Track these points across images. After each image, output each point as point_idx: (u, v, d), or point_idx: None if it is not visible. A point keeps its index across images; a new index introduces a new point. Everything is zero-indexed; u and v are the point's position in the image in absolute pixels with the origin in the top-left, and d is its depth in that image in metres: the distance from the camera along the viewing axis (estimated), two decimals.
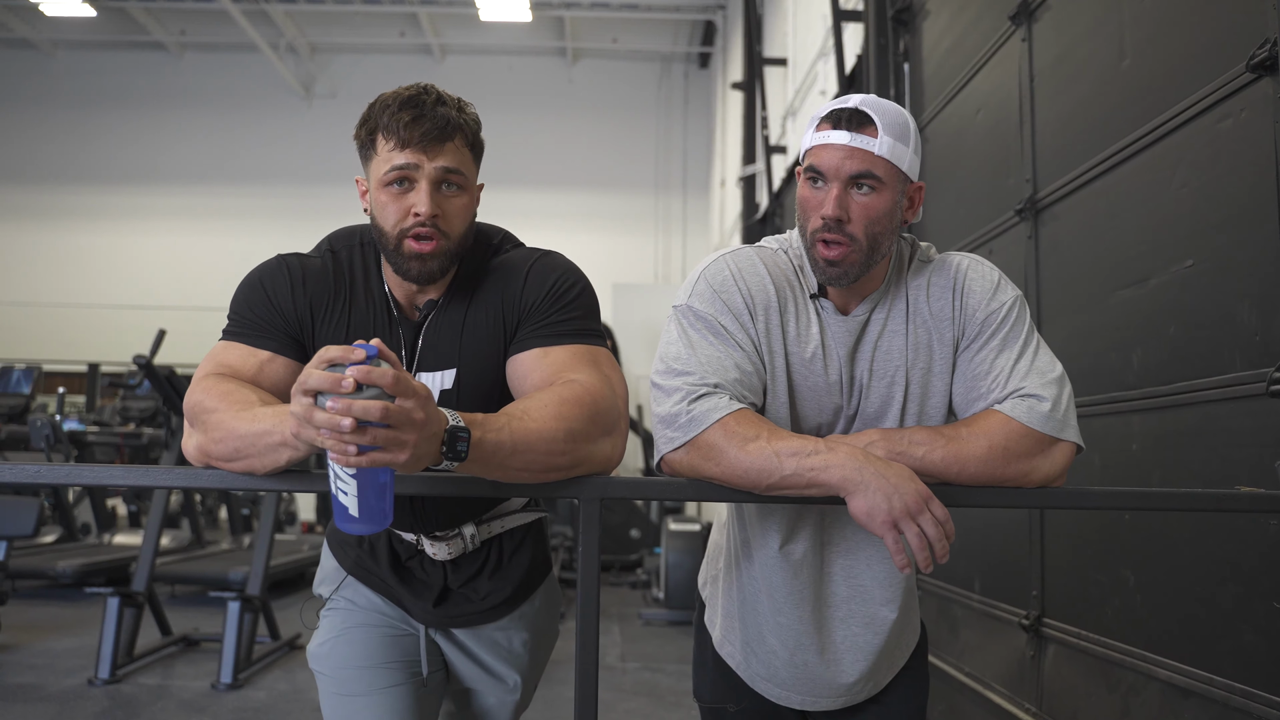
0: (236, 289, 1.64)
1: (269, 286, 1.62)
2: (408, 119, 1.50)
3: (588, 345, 1.58)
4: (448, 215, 1.54)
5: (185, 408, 1.51)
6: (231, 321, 1.62)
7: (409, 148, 1.50)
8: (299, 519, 11.58)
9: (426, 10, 13.42)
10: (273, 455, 1.36)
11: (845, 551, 1.69)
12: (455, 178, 1.54)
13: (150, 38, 14.36)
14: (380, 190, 1.54)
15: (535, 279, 1.62)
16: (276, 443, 1.34)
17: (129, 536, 8.15)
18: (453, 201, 1.55)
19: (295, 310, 1.62)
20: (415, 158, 1.50)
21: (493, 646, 1.83)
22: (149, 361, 5.57)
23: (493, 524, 1.78)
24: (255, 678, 4.99)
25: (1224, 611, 2.21)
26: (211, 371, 1.55)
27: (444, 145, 1.52)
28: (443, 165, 1.52)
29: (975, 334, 1.62)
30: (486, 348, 1.62)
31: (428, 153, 1.51)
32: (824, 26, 6.86)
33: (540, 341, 1.57)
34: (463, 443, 1.28)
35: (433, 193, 1.52)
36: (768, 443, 1.47)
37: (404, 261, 1.55)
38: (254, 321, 1.60)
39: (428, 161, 1.51)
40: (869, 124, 1.52)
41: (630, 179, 14.53)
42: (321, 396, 1.16)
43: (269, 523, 5.44)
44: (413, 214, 1.51)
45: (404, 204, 1.52)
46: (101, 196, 14.57)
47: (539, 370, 1.55)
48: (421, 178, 1.51)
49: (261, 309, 1.61)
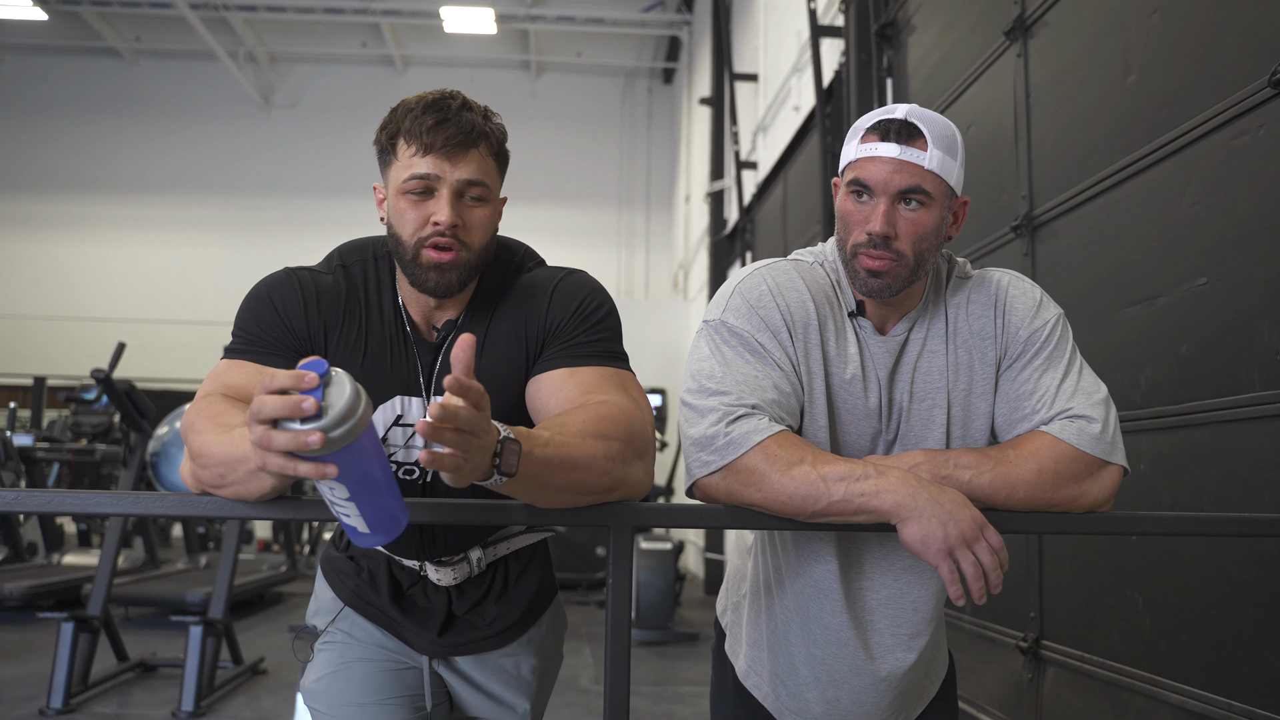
0: (242, 303, 1.54)
1: (278, 301, 1.52)
2: (431, 123, 1.42)
3: (614, 368, 1.50)
4: (469, 226, 1.47)
5: (182, 428, 1.41)
6: (236, 338, 1.52)
7: (431, 154, 1.43)
8: (255, 537, 11.31)
9: (389, 21, 13.28)
10: (255, 482, 1.24)
11: (883, 580, 1.62)
12: (477, 189, 1.46)
13: (104, 43, 14.06)
14: (399, 197, 1.46)
15: (561, 298, 1.54)
16: (253, 469, 1.20)
17: (79, 556, 7.88)
18: (474, 212, 1.47)
19: (308, 328, 1.52)
20: (437, 166, 1.43)
21: (500, 674, 1.74)
22: (108, 375, 5.37)
23: (499, 546, 1.69)
24: (218, 705, 4.80)
25: (1244, 635, 2.17)
26: (212, 391, 1.44)
27: (468, 153, 1.44)
28: (465, 176, 1.45)
29: (1018, 353, 1.56)
30: (507, 368, 1.54)
31: (451, 159, 1.43)
32: (797, 42, 6.86)
33: (566, 362, 1.50)
34: (514, 455, 1.18)
35: (454, 202, 1.44)
36: (813, 467, 1.39)
37: (421, 272, 1.46)
38: (261, 338, 1.50)
39: (450, 170, 1.43)
40: (918, 136, 1.46)
41: (593, 194, 14.48)
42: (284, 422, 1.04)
43: (232, 543, 5.26)
44: (432, 223, 1.44)
45: (423, 212, 1.44)
46: (50, 205, 14.21)
47: (565, 391, 1.47)
48: (443, 187, 1.44)
49: (270, 325, 1.51)
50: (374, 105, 14.26)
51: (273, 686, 5.25)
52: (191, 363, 12.64)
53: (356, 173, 14.11)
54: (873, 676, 1.63)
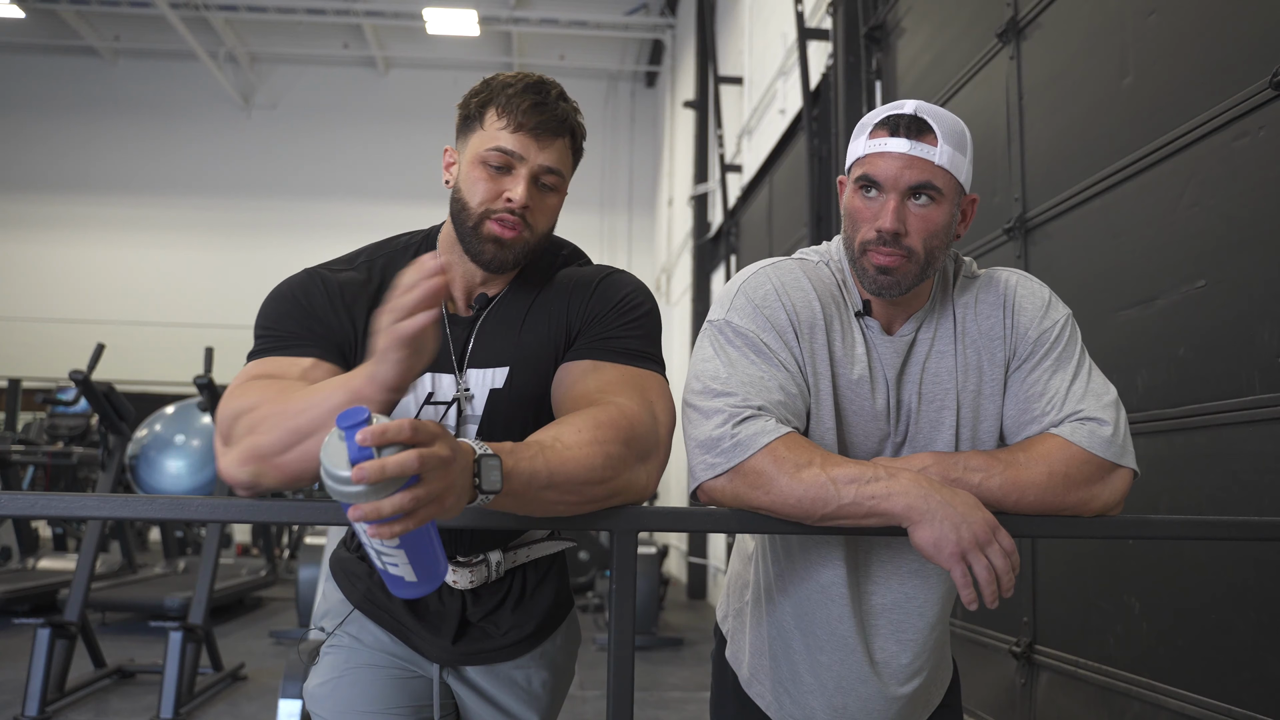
0: (265, 305, 1.51)
1: (303, 296, 1.50)
2: (528, 104, 1.45)
3: (640, 369, 1.48)
4: (537, 210, 1.49)
5: (219, 424, 1.37)
6: (261, 339, 1.48)
7: (521, 132, 1.45)
8: (234, 541, 11.19)
9: (371, 22, 13.20)
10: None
11: (889, 584, 1.59)
12: (554, 177, 1.50)
13: (82, 42, 13.91)
14: (476, 165, 1.47)
15: (605, 291, 1.55)
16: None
17: (55, 561, 7.76)
18: (545, 199, 1.51)
19: (336, 319, 1.50)
20: (523, 145, 1.46)
21: (510, 686, 1.69)
22: (86, 377, 5.30)
23: (519, 552, 1.65)
24: (198, 712, 4.73)
25: (1244, 640, 2.16)
26: (248, 381, 1.40)
27: (554, 141, 1.48)
28: (547, 163, 1.47)
29: (1028, 353, 1.54)
30: (542, 351, 1.54)
31: (538, 142, 1.46)
32: (783, 45, 6.85)
33: (594, 354, 1.50)
34: (495, 471, 1.15)
35: (530, 184, 1.47)
36: (822, 469, 1.36)
37: (480, 243, 1.47)
38: (289, 333, 1.47)
39: (535, 153, 1.46)
40: (928, 131, 1.43)
41: (576, 197, 13.97)
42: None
43: (213, 547, 5.18)
44: (505, 199, 1.46)
45: (497, 186, 1.46)
46: (26, 205, 14.03)
47: (583, 383, 1.46)
48: (523, 167, 1.46)
49: (297, 318, 1.48)
50: (355, 106, 14.32)
51: (253, 693, 5.17)
52: (171, 365, 12.50)
53: (337, 174, 14.03)
54: (879, 683, 1.60)
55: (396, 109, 14.23)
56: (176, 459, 6.54)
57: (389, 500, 1.00)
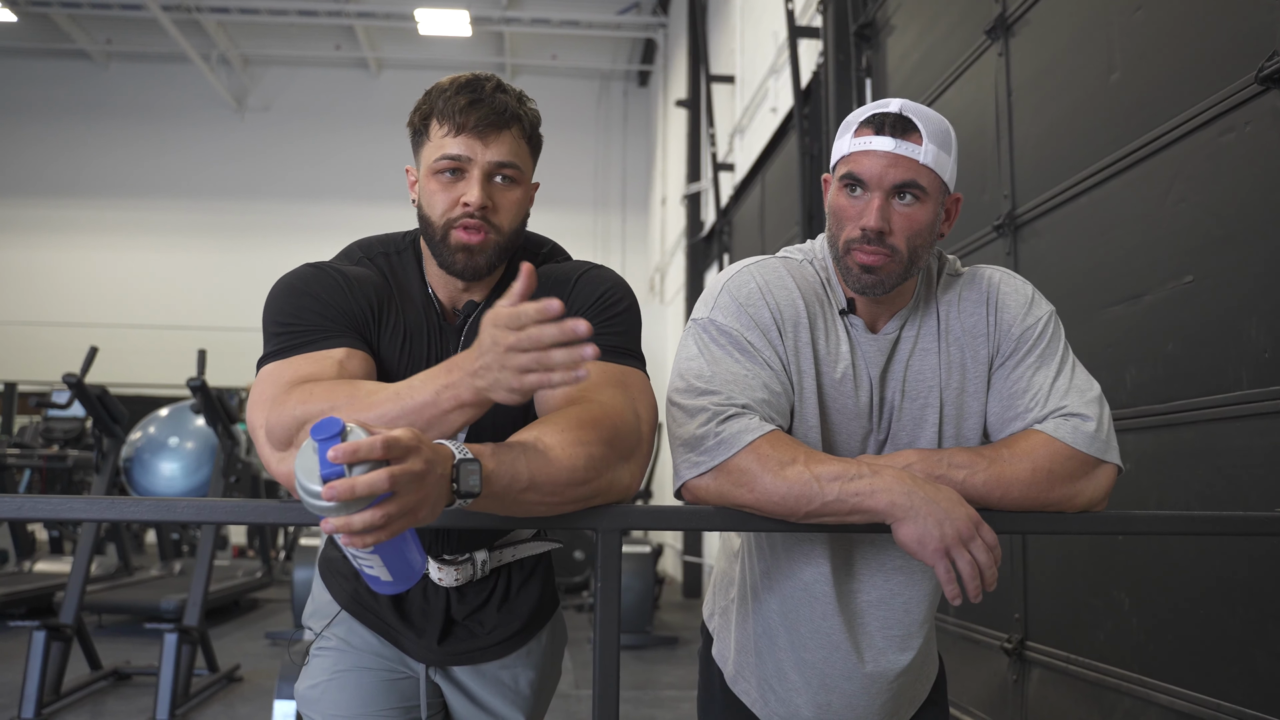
0: (272, 302, 1.45)
1: (315, 289, 1.45)
2: (463, 104, 1.42)
3: (620, 365, 1.46)
4: (499, 208, 1.46)
5: (272, 433, 1.29)
6: (280, 336, 1.41)
7: (463, 134, 1.42)
8: (230, 543, 11.18)
9: (363, 23, 13.18)
10: (448, 423, 1.21)
11: (874, 581, 1.59)
12: (509, 170, 1.46)
13: (74, 46, 13.87)
14: (430, 178, 1.45)
15: (584, 288, 1.53)
16: (447, 409, 1.20)
17: (51, 564, 7.76)
18: (505, 195, 1.47)
19: (355, 308, 1.46)
20: (468, 146, 1.43)
21: (496, 686, 1.70)
22: (80, 380, 5.28)
23: (504, 551, 1.65)
24: (193, 713, 4.73)
25: (1234, 635, 2.16)
26: (286, 387, 1.32)
27: (500, 134, 1.44)
28: (496, 158, 1.44)
29: (1011, 350, 1.54)
30: None
31: (483, 140, 1.43)
32: (774, 44, 6.85)
33: None
34: (474, 475, 1.14)
35: (484, 183, 1.44)
36: (805, 467, 1.37)
37: (450, 253, 1.45)
38: (312, 326, 1.41)
39: (482, 151, 1.43)
40: (913, 130, 1.43)
41: (569, 197, 14.40)
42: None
43: (207, 549, 5.17)
44: (462, 204, 1.43)
45: (453, 193, 1.44)
46: (19, 209, 14.00)
47: None
48: (474, 168, 1.43)
49: (316, 310, 1.42)
50: (348, 108, 14.31)
51: (249, 694, 5.17)
52: (164, 368, 12.49)
53: (330, 176, 14.01)
54: (865, 679, 1.60)
55: (389, 110, 14.20)
56: (170, 461, 6.53)
57: (359, 516, 1.00)
